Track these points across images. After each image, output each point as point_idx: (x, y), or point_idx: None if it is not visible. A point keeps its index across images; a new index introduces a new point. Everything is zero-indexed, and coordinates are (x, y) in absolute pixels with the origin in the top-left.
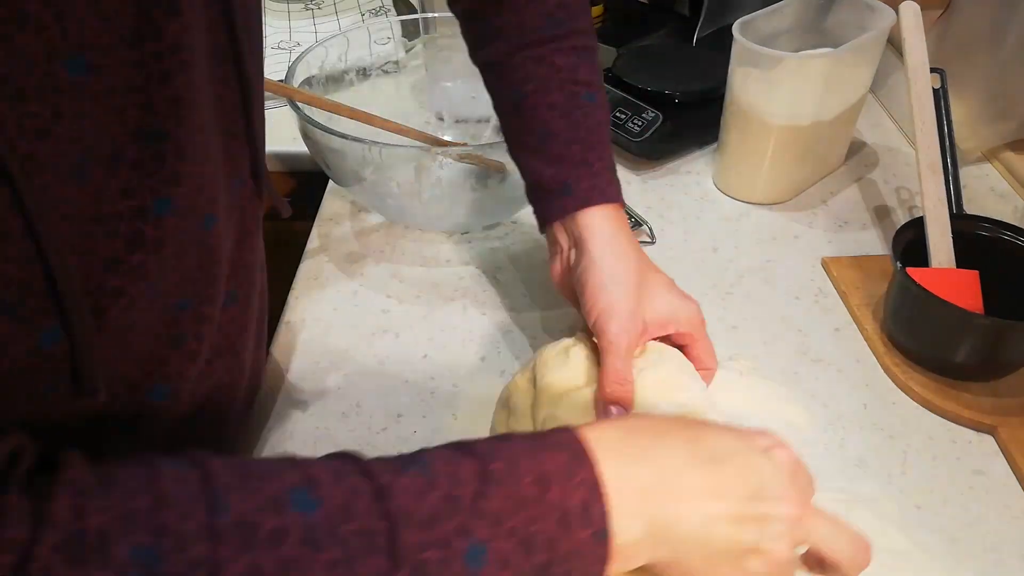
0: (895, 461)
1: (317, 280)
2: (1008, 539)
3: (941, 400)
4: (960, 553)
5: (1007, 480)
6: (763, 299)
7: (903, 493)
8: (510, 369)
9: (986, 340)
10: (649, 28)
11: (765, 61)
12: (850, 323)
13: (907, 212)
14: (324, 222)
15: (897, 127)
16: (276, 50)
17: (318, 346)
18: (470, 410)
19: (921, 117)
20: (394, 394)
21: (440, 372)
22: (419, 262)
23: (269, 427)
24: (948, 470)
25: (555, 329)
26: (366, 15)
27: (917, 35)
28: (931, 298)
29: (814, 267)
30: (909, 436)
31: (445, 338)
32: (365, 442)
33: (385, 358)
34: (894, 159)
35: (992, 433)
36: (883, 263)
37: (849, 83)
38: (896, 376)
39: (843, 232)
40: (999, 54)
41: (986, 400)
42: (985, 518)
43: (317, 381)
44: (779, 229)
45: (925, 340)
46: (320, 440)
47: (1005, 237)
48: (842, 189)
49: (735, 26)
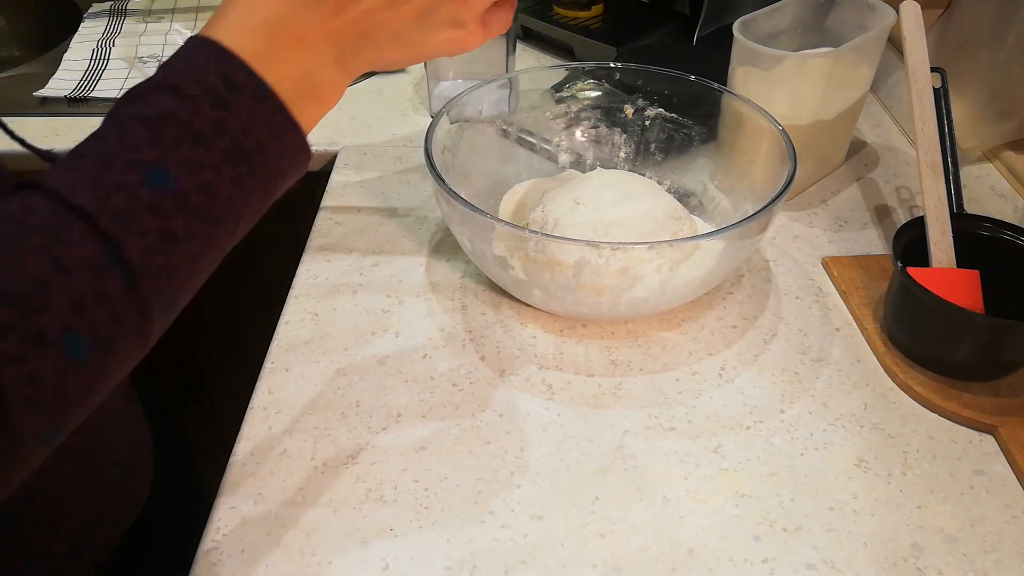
0: (895, 461)
1: (317, 280)
2: (1008, 539)
3: (941, 400)
4: (960, 553)
5: (1007, 480)
6: (763, 299)
7: (903, 493)
8: (510, 369)
9: (986, 340)
10: (649, 28)
11: (765, 60)
12: (850, 323)
13: (908, 212)
14: (324, 221)
15: (898, 127)
16: None
17: (317, 346)
18: (470, 410)
19: (921, 117)
20: (394, 394)
21: (440, 372)
22: (419, 261)
23: (269, 426)
24: (948, 470)
25: (556, 328)
26: None
27: (918, 34)
28: (932, 298)
29: (814, 267)
30: (909, 436)
31: (445, 338)
32: (365, 442)
33: (385, 358)
34: (895, 158)
35: (992, 433)
36: (884, 263)
37: (850, 82)
38: (896, 376)
39: (843, 232)
40: (1000, 53)
41: (986, 400)
42: (985, 518)
43: (317, 381)
44: (779, 229)
45: (925, 340)
46: (320, 440)
47: (1006, 237)
48: (842, 188)
49: (735, 25)
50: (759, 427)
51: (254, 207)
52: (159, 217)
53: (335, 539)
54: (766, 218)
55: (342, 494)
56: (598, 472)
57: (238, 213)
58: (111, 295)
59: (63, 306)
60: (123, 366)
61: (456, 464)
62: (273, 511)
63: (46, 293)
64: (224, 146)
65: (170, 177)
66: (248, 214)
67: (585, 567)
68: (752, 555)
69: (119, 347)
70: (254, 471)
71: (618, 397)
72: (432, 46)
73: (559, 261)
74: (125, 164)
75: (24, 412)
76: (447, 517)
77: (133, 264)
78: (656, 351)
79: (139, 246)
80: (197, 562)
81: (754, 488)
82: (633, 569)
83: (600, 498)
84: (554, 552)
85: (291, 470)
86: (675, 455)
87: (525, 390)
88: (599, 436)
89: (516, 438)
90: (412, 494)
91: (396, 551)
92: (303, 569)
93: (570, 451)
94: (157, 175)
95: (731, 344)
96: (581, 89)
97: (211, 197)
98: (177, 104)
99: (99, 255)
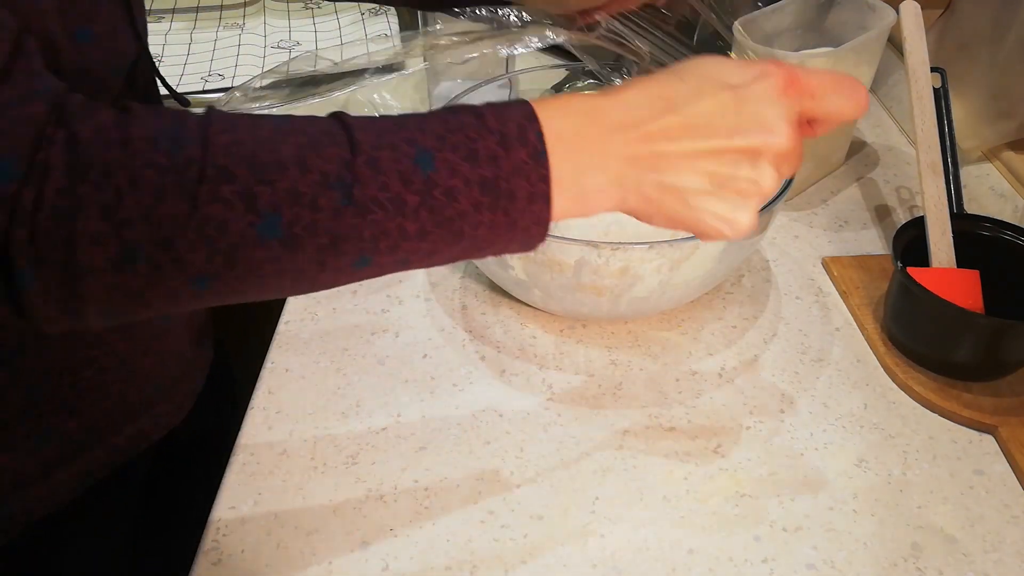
0: (895, 461)
1: None
2: (1008, 539)
3: (941, 400)
4: (960, 553)
5: (1007, 480)
6: (763, 299)
7: (903, 493)
8: (510, 369)
9: (986, 340)
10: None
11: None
12: (850, 323)
13: (908, 212)
14: None
15: (898, 126)
16: (275, 49)
17: (317, 346)
18: (470, 410)
19: (921, 116)
20: (394, 394)
21: (440, 372)
22: None
23: (269, 426)
24: (948, 470)
25: (556, 328)
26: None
27: (917, 34)
28: (932, 298)
29: (814, 267)
30: (909, 436)
31: (445, 338)
32: (365, 442)
33: (385, 358)
34: (895, 158)
35: (992, 433)
36: (884, 263)
37: None
38: (896, 376)
39: (843, 232)
40: (1000, 53)
41: (986, 400)
42: (985, 518)
43: (317, 381)
44: (779, 229)
45: (925, 340)
46: (320, 440)
47: (1006, 237)
48: (842, 188)
49: (736, 25)
50: (759, 427)
51: (466, 242)
52: (403, 185)
53: (335, 539)
54: (766, 218)
55: (342, 494)
56: (598, 472)
57: (457, 232)
58: (322, 207)
59: (283, 191)
60: (281, 278)
61: (456, 464)
62: (273, 511)
63: (278, 175)
64: (485, 174)
65: (432, 164)
66: (459, 244)
67: (585, 567)
68: (752, 555)
69: (299, 255)
70: (254, 471)
71: (618, 397)
72: (702, 218)
73: (559, 261)
74: (409, 137)
75: (192, 248)
76: (447, 517)
77: (356, 200)
78: (656, 351)
79: (370, 193)
80: (197, 562)
81: (754, 488)
82: (633, 569)
83: (600, 498)
84: (554, 552)
85: (291, 470)
86: (675, 455)
87: (525, 390)
88: (599, 436)
89: (516, 438)
90: (412, 494)
91: (396, 551)
92: (303, 569)
93: (570, 451)
94: (424, 157)
95: (731, 344)
96: (581, 89)
97: (449, 202)
98: (473, 124)
99: (336, 177)
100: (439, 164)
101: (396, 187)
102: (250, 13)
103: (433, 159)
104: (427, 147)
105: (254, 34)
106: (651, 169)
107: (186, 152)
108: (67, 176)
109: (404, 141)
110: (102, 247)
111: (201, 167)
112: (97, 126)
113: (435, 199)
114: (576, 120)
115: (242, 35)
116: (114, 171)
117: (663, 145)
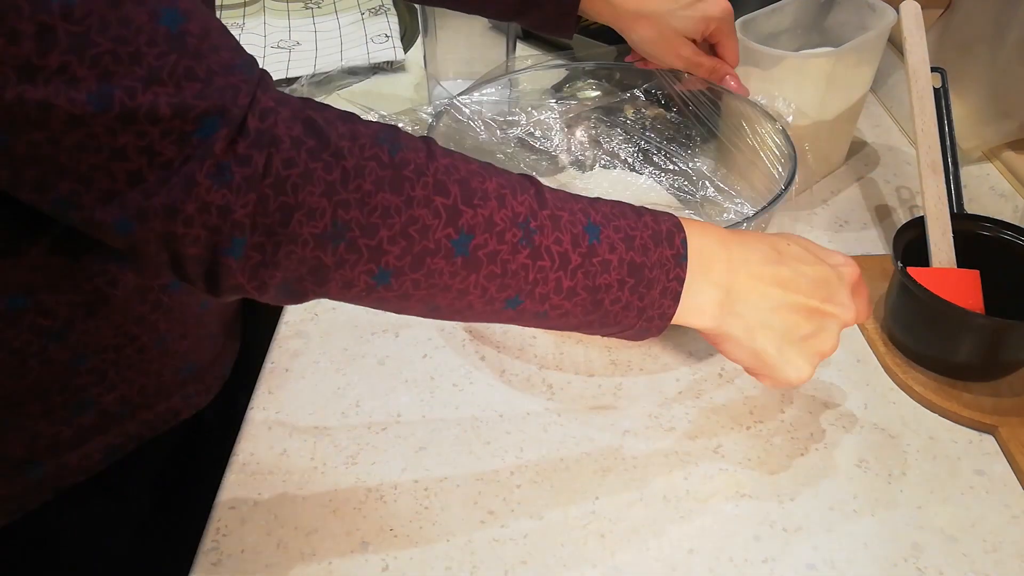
0: (895, 461)
1: None
2: (1008, 539)
3: (941, 400)
4: (960, 553)
5: (1007, 480)
6: None
7: (903, 493)
8: (511, 369)
9: (987, 340)
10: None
11: (766, 60)
12: None
13: (908, 212)
14: None
15: (898, 126)
16: (276, 49)
17: (317, 346)
18: (470, 410)
19: (922, 116)
20: (394, 394)
21: (440, 372)
22: None
23: (269, 426)
24: (948, 470)
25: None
26: (365, 14)
27: (918, 34)
28: (932, 298)
29: None
30: (909, 436)
31: (445, 338)
32: (365, 442)
33: (385, 358)
34: (895, 158)
35: (992, 433)
36: (884, 263)
37: (850, 82)
38: (896, 376)
39: (843, 232)
40: (1000, 53)
41: (986, 400)
42: (985, 518)
43: (317, 381)
44: (779, 229)
45: (925, 340)
46: (320, 440)
47: (1006, 237)
48: (843, 188)
49: (736, 25)
50: (759, 427)
51: (599, 314)
52: (572, 245)
53: (335, 539)
54: (766, 218)
55: (342, 494)
56: (598, 472)
57: (597, 302)
58: (507, 241)
59: (482, 217)
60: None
61: (456, 464)
62: (273, 511)
63: (481, 202)
64: (636, 259)
65: (598, 236)
66: (593, 314)
67: (585, 567)
68: (752, 555)
69: (472, 276)
70: (254, 471)
71: (618, 397)
72: (784, 363)
73: None
74: (583, 208)
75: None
76: (447, 517)
77: (533, 244)
78: (656, 351)
79: (546, 243)
80: (197, 562)
81: (754, 488)
82: (633, 569)
83: (600, 498)
84: (554, 552)
85: (291, 470)
86: (675, 455)
87: (525, 390)
88: (599, 436)
89: (516, 438)
90: (412, 494)
91: (396, 551)
92: (303, 569)
93: (570, 451)
94: (593, 228)
95: None
96: (581, 89)
97: (602, 271)
98: (633, 216)
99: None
100: (603, 237)
101: (566, 244)
102: (250, 13)
103: (600, 232)
104: (596, 221)
105: (254, 34)
106: (755, 307)
107: (406, 156)
108: (295, 149)
109: (579, 210)
110: (315, 221)
111: (422, 173)
112: (324, 114)
113: (592, 265)
114: (711, 242)
115: (242, 35)
116: (346, 156)
117: (772, 289)
